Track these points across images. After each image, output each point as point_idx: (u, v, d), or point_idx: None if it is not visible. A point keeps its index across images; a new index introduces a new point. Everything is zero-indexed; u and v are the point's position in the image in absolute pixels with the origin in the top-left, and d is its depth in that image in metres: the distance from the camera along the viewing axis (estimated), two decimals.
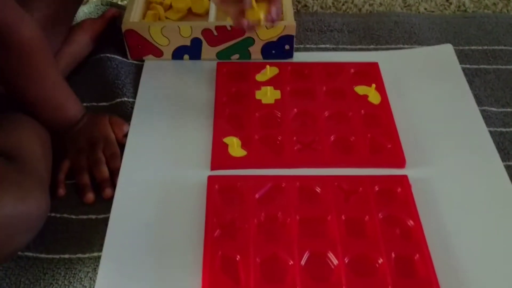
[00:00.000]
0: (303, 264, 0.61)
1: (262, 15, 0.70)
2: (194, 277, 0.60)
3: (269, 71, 0.85)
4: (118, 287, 0.60)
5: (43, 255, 0.64)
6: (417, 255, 0.62)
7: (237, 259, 0.62)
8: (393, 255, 0.62)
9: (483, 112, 0.82)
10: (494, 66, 0.91)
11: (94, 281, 0.61)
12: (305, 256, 0.62)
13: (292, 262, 0.61)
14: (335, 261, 0.61)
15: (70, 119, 0.73)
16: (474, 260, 0.63)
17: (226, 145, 0.75)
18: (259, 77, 0.85)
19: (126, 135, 0.77)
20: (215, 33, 0.86)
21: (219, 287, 0.59)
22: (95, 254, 0.64)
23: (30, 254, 0.64)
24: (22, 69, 0.66)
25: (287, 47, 0.88)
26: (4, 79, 0.67)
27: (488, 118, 0.81)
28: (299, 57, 0.90)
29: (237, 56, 0.89)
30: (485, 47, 0.94)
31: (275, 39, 0.87)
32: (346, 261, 0.61)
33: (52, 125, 0.71)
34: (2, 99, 0.73)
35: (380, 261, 0.61)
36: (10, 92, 0.69)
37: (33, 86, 0.68)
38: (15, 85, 0.68)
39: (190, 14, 0.95)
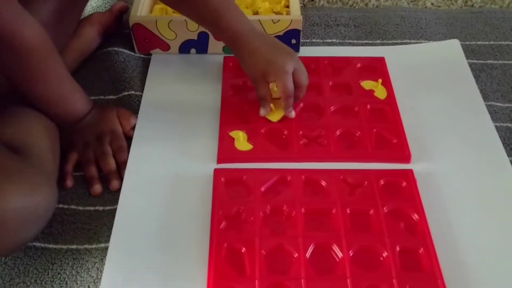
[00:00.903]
0: (308, 256, 0.62)
1: (278, 118, 0.77)
2: (200, 269, 0.61)
3: None
4: (125, 277, 0.61)
5: (51, 246, 0.65)
6: (422, 249, 0.62)
7: (243, 251, 0.62)
8: (397, 248, 0.62)
9: (489, 107, 0.81)
10: (500, 61, 0.90)
11: (101, 272, 0.62)
12: (310, 248, 0.62)
13: (297, 255, 0.62)
14: (340, 254, 0.62)
15: (77, 113, 0.74)
16: (478, 254, 0.63)
17: (232, 139, 0.75)
18: None
19: (133, 128, 0.77)
20: None
21: (225, 279, 0.59)
22: (102, 245, 0.65)
23: (38, 244, 0.65)
24: (25, 70, 0.66)
25: (293, 41, 0.88)
26: (9, 79, 0.68)
27: (494, 113, 0.81)
28: (306, 51, 0.91)
29: None
30: (492, 42, 0.94)
31: (281, 33, 0.87)
32: (351, 254, 0.62)
33: (59, 120, 0.72)
34: (9, 94, 0.74)
35: (385, 254, 0.62)
36: (15, 88, 0.70)
37: (37, 86, 0.68)
38: (19, 85, 0.68)
39: None
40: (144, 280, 0.61)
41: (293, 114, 0.77)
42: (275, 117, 0.77)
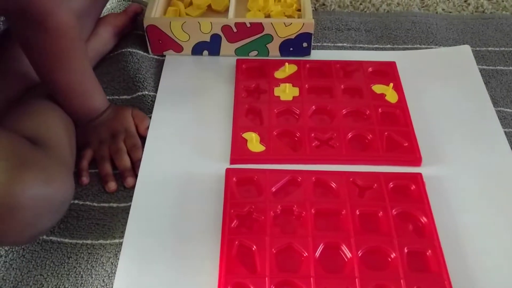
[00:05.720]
0: (317, 256, 0.63)
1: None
2: (211, 265, 0.62)
3: (288, 69, 0.87)
4: (139, 272, 0.62)
5: (67, 240, 0.66)
6: (430, 251, 0.63)
7: (253, 249, 0.63)
8: (405, 250, 0.63)
9: (498, 113, 0.82)
10: (511, 68, 0.91)
11: (116, 266, 0.63)
12: (319, 248, 0.63)
13: (306, 254, 0.63)
14: (349, 254, 0.63)
15: (95, 109, 0.75)
16: (485, 258, 0.64)
17: (245, 140, 0.76)
18: (278, 74, 0.87)
19: (147, 129, 0.79)
20: (235, 30, 0.88)
21: (236, 275, 0.61)
22: (116, 240, 0.66)
23: (54, 238, 0.66)
24: (56, 52, 0.67)
25: (305, 44, 0.89)
26: (37, 62, 0.69)
27: (503, 119, 0.81)
28: (317, 55, 0.92)
29: (255, 52, 0.91)
30: (502, 48, 0.95)
31: (293, 37, 0.88)
32: (360, 254, 0.63)
33: (77, 114, 0.73)
34: (27, 90, 0.75)
35: (393, 255, 0.63)
36: (41, 76, 0.71)
37: (64, 70, 0.69)
38: (47, 69, 0.69)
39: (209, 10, 0.97)
40: (157, 276, 0.62)
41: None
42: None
